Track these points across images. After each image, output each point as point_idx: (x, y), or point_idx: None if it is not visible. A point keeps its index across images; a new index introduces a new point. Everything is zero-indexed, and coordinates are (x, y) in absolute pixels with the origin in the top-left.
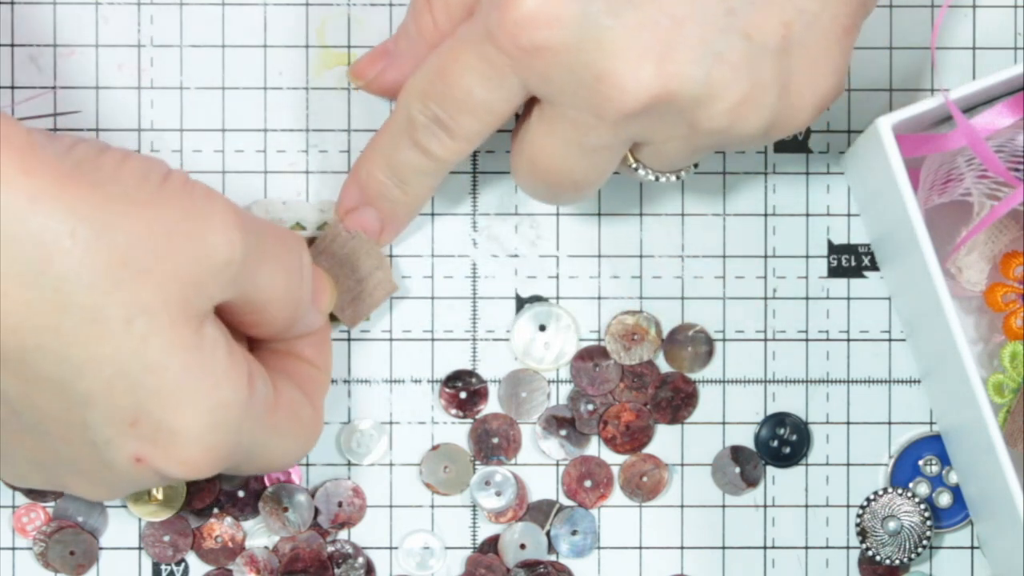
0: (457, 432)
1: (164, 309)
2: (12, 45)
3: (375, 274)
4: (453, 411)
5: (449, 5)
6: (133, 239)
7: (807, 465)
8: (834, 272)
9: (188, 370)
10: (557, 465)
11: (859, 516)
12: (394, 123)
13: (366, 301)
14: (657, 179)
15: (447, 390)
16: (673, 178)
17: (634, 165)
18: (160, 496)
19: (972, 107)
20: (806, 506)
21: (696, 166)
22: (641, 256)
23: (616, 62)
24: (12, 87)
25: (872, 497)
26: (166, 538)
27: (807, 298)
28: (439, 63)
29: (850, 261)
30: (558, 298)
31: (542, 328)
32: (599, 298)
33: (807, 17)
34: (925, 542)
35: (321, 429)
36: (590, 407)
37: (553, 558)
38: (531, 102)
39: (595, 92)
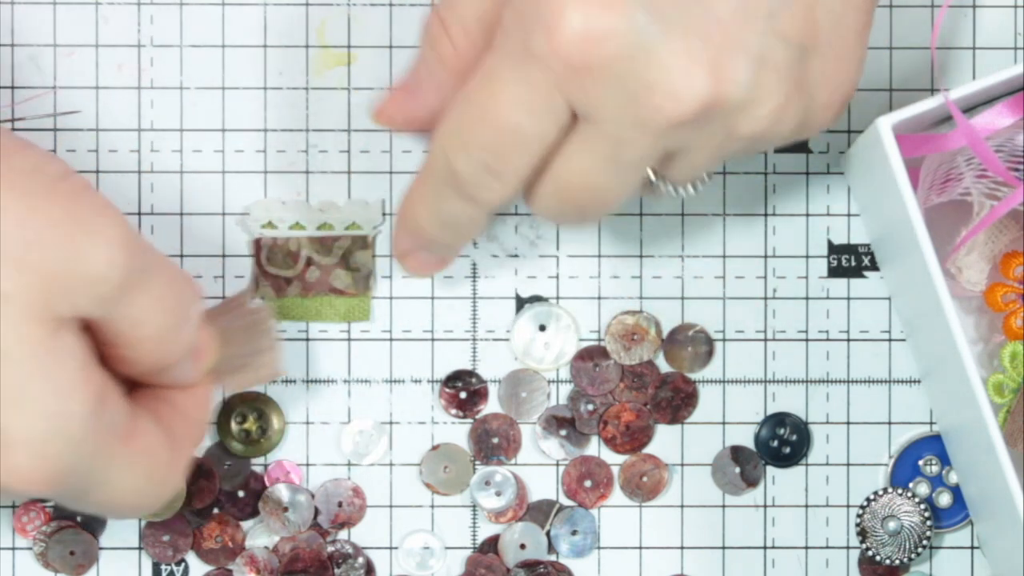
0: (457, 432)
1: (20, 299)
2: (12, 45)
3: (266, 354)
4: (453, 411)
5: (466, 26)
6: (8, 222)
7: (807, 465)
8: (834, 272)
9: (32, 369)
10: (557, 465)
11: (859, 516)
12: (435, 174)
13: (248, 375)
14: (677, 192)
15: (447, 390)
16: (691, 190)
17: (654, 179)
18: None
19: (972, 107)
20: (806, 506)
21: (710, 177)
22: (641, 256)
23: (668, 71)
24: (12, 87)
25: (872, 497)
26: (166, 538)
27: (807, 298)
28: (477, 104)
29: (850, 261)
30: (558, 298)
31: (542, 328)
32: (599, 298)
33: (833, 15)
34: (925, 542)
35: (178, 481)
36: (590, 407)
37: (553, 558)
38: None
39: (645, 104)
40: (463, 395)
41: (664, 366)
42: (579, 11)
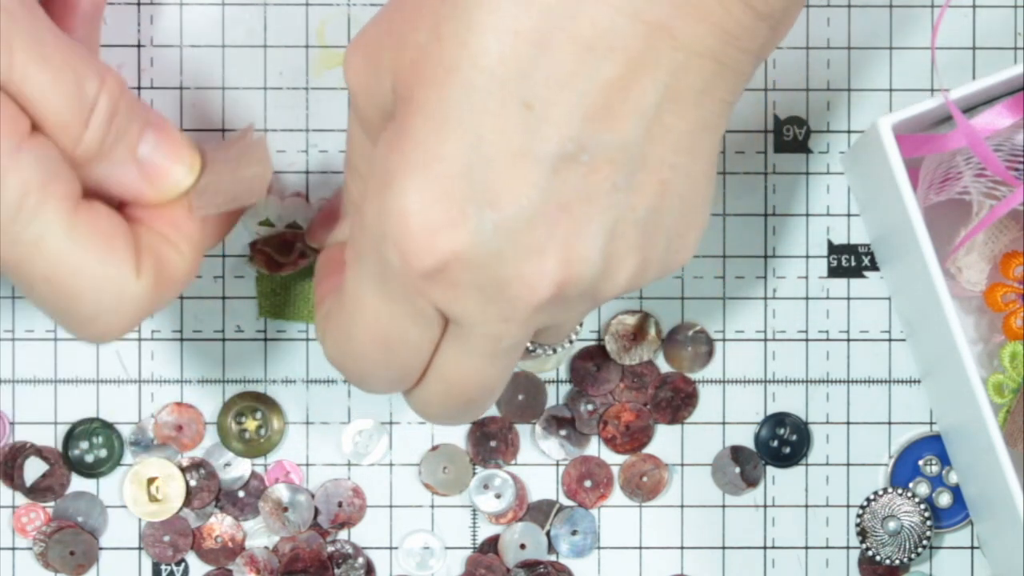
0: (456, 433)
1: None
2: None
3: (251, 180)
4: None
5: (360, 172)
6: None
7: (807, 465)
8: (834, 272)
9: None
10: (557, 465)
11: (859, 516)
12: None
13: (224, 198)
14: (555, 351)
15: None
16: (567, 344)
17: (531, 348)
18: (160, 496)
19: (972, 107)
20: (806, 506)
21: (580, 327)
22: None
23: (517, 265)
24: None
25: (872, 497)
26: (166, 538)
27: (807, 298)
28: (347, 326)
29: (850, 261)
30: None
31: None
32: None
33: (681, 170)
34: (925, 542)
35: (142, 289)
36: (590, 407)
37: (553, 558)
38: None
39: (503, 298)
40: None
41: (664, 366)
42: (422, 224)
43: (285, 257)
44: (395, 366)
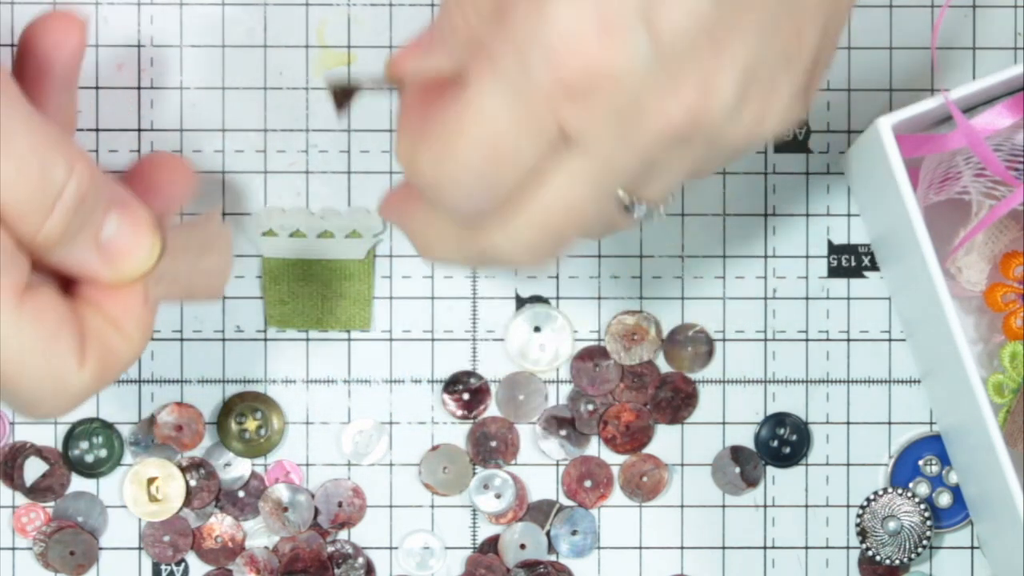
0: (456, 432)
1: None
2: (12, 45)
3: (210, 275)
4: (460, 413)
5: (478, 5)
6: None
7: (807, 465)
8: (834, 272)
9: None
10: (557, 465)
11: (859, 516)
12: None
13: (181, 290)
14: (649, 215)
15: (449, 395)
16: (662, 211)
17: (629, 202)
18: (160, 496)
19: (972, 107)
20: (806, 506)
21: (675, 197)
22: (641, 256)
23: (660, 91)
24: None
25: (872, 497)
26: (166, 538)
27: (807, 298)
28: (463, 123)
29: (850, 261)
30: (558, 298)
31: (537, 330)
32: (599, 298)
33: (818, 26)
34: (925, 542)
35: (83, 382)
36: (590, 407)
37: (553, 558)
38: None
39: (637, 123)
40: (466, 396)
41: (664, 366)
42: (580, 35)
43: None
44: (496, 182)
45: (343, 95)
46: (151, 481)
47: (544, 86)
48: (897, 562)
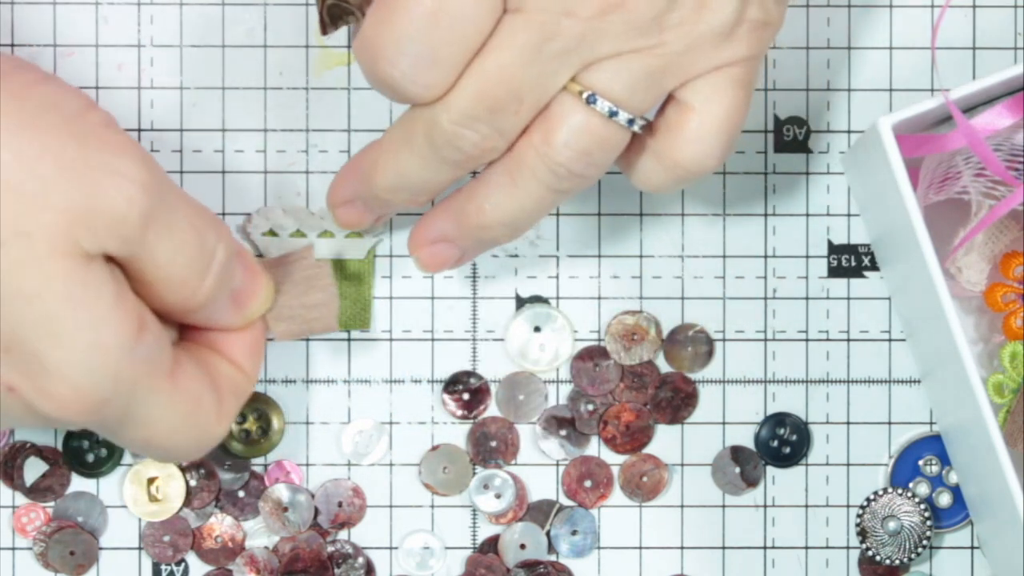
0: (456, 432)
1: (45, 237)
2: (12, 45)
3: (321, 307)
4: (460, 413)
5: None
6: (21, 160)
7: (807, 465)
8: (834, 272)
9: (66, 302)
10: (557, 465)
11: (859, 516)
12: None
13: (301, 326)
14: (635, 124)
15: (449, 395)
16: (642, 122)
17: (611, 111)
18: (160, 496)
19: (972, 107)
20: (806, 506)
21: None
22: (641, 256)
23: None
24: None
25: (872, 497)
26: (166, 538)
27: (807, 298)
28: (416, 6)
29: (850, 261)
30: (558, 298)
31: (537, 329)
32: (599, 298)
33: None
34: (925, 542)
35: (222, 430)
36: (590, 407)
37: (553, 558)
38: None
39: None
40: (466, 396)
41: (664, 366)
42: None
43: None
44: (440, 47)
45: (334, 14)
46: (151, 481)
47: None
48: (897, 562)
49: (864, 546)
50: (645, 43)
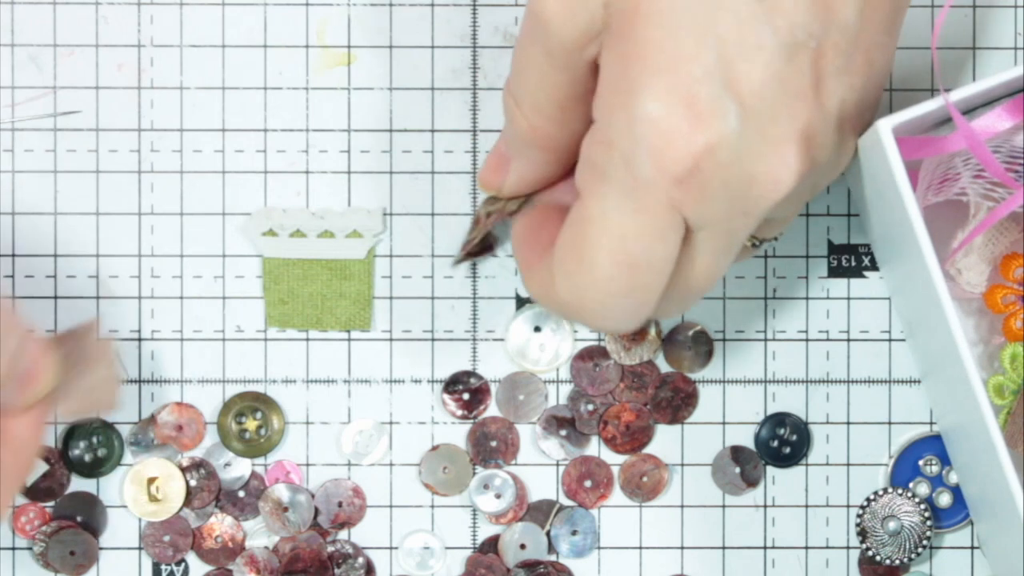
0: (456, 432)
1: None
2: (12, 45)
3: (103, 385)
4: (460, 413)
5: (537, 103)
6: None
7: (807, 465)
8: (834, 272)
9: None
10: (557, 465)
11: (859, 516)
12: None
13: (84, 404)
14: (767, 242)
15: (449, 395)
16: (779, 236)
17: (752, 243)
18: (160, 496)
19: (972, 108)
20: (806, 506)
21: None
22: None
23: (763, 157)
24: (12, 87)
25: (872, 497)
26: (166, 538)
27: (807, 298)
28: (595, 249)
29: (850, 261)
30: None
31: (537, 329)
32: None
33: (884, 48)
34: (925, 542)
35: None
36: (590, 407)
37: (553, 558)
38: None
39: (748, 193)
40: (466, 396)
41: (664, 366)
42: (675, 125)
43: (476, 228)
44: (638, 290)
45: (476, 252)
46: (151, 481)
47: (656, 182)
48: (897, 562)
49: (864, 546)
50: (804, 198)
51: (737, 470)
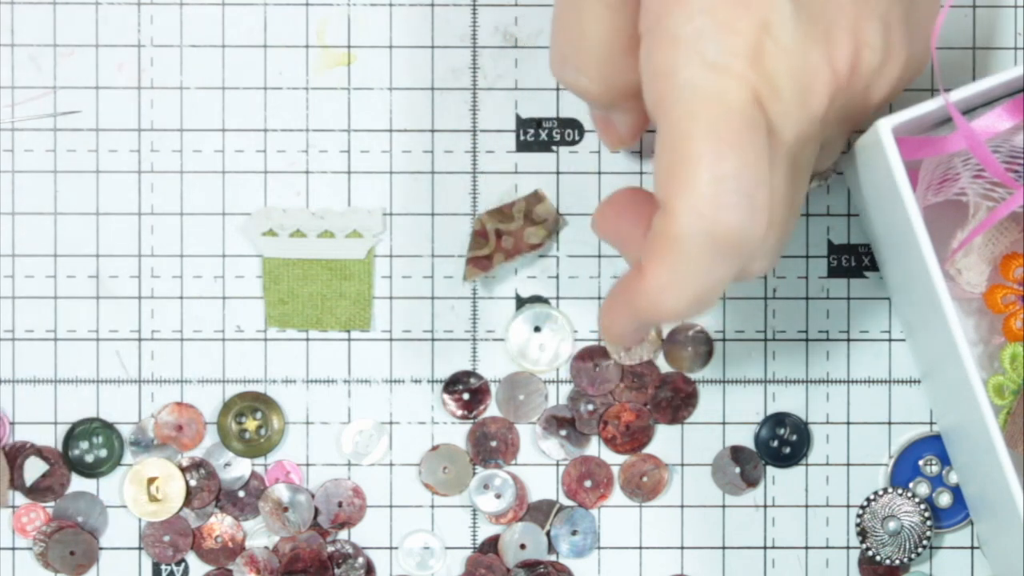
0: (456, 432)
1: None
2: (12, 45)
3: None
4: (460, 413)
5: (603, 60)
6: None
7: (807, 465)
8: (834, 272)
9: None
10: (557, 465)
11: (859, 516)
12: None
13: None
14: (826, 184)
15: (449, 395)
16: (831, 178)
17: (814, 181)
18: (160, 496)
19: (972, 108)
20: (806, 506)
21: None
22: None
23: (820, 47)
24: (12, 87)
25: (872, 497)
26: (166, 538)
27: (807, 298)
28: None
29: (850, 261)
30: (558, 298)
31: (537, 329)
32: (599, 298)
33: None
34: (925, 542)
35: None
36: (590, 407)
37: (553, 558)
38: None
39: (811, 89)
40: (466, 396)
41: (664, 366)
42: (735, 9)
43: (485, 247)
44: (743, 190)
45: (484, 266)
46: (151, 481)
47: (728, 64)
48: (897, 562)
49: (864, 546)
50: (854, 117)
51: (737, 470)
